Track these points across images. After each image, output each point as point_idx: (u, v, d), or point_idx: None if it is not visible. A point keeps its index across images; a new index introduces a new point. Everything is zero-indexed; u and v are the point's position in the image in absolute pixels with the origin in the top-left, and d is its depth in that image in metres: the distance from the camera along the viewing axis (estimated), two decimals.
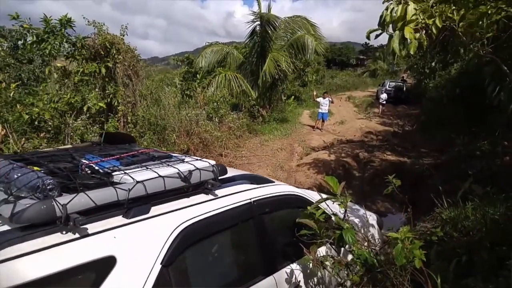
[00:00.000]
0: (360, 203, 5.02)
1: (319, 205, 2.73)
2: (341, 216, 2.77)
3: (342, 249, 2.65)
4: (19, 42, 7.80)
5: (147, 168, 2.09)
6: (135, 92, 8.70)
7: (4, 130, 5.53)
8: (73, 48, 7.80)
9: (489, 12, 3.28)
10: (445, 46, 6.12)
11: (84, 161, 2.19)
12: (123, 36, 8.40)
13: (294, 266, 2.66)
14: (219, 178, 2.39)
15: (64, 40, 7.53)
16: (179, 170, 2.12)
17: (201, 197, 2.23)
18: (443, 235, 4.41)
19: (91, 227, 1.65)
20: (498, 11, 3.28)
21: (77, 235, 1.60)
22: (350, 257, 2.74)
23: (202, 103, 12.37)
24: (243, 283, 2.31)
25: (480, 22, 3.36)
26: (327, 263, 2.55)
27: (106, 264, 1.63)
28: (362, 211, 4.28)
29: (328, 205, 2.99)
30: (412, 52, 3.41)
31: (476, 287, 3.14)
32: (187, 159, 2.40)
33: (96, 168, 2.07)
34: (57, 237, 1.55)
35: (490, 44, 3.74)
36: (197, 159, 2.40)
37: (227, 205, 2.30)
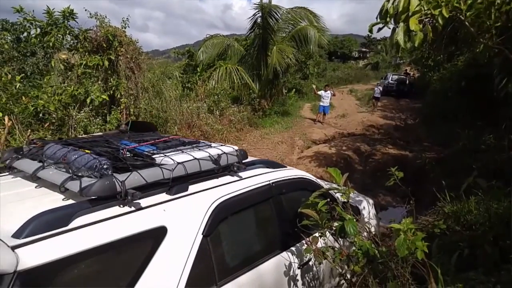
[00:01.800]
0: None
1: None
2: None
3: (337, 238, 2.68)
4: (22, 35, 7.78)
5: (182, 152, 2.36)
6: (137, 85, 8.67)
7: (11, 122, 5.57)
8: (76, 41, 7.78)
9: (497, 1, 3.23)
10: (453, 38, 6.03)
11: (122, 145, 2.42)
12: (125, 28, 8.36)
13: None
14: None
15: (67, 33, 7.50)
16: (209, 153, 2.40)
17: (228, 178, 2.51)
18: (445, 228, 4.42)
19: (143, 202, 1.91)
20: (507, 1, 3.24)
21: (132, 208, 1.85)
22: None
23: (203, 96, 12.36)
24: (265, 255, 2.57)
25: (488, 12, 3.30)
26: (328, 253, 2.56)
27: (159, 233, 1.88)
28: (361, 198, 4.35)
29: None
30: (417, 45, 3.37)
31: (478, 280, 3.15)
32: (213, 144, 2.69)
33: (137, 151, 2.32)
34: (117, 209, 1.81)
35: (499, 34, 3.69)
36: (222, 145, 2.69)
37: (251, 186, 2.57)
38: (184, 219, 2.04)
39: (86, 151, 2.09)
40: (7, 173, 2.31)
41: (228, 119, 12.12)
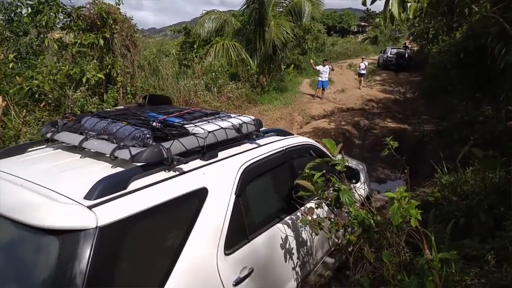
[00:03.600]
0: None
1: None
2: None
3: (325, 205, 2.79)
4: (14, 15, 7.64)
5: (208, 122, 2.55)
6: (133, 63, 8.59)
7: (5, 102, 5.52)
8: (69, 19, 7.66)
9: None
10: (450, 9, 5.93)
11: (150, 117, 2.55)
12: (119, 5, 8.21)
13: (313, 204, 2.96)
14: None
15: (60, 11, 7.37)
16: (232, 123, 2.61)
17: (248, 145, 2.73)
18: (441, 199, 4.47)
19: (183, 167, 2.10)
20: None
21: (177, 172, 2.05)
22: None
23: (200, 73, 12.23)
24: (282, 213, 2.84)
25: None
26: (324, 224, 2.60)
27: (203, 193, 2.10)
28: (354, 163, 4.46)
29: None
30: (412, 16, 3.33)
31: (473, 248, 3.21)
32: (232, 115, 2.88)
33: (168, 122, 2.46)
34: (164, 174, 2.01)
35: (495, 3, 3.62)
36: (240, 115, 2.89)
37: (269, 152, 2.80)
38: (220, 181, 2.27)
39: (124, 122, 2.22)
40: (45, 146, 2.46)
41: (226, 96, 12.05)
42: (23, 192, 1.74)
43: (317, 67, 15.74)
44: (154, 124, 2.34)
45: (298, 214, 2.91)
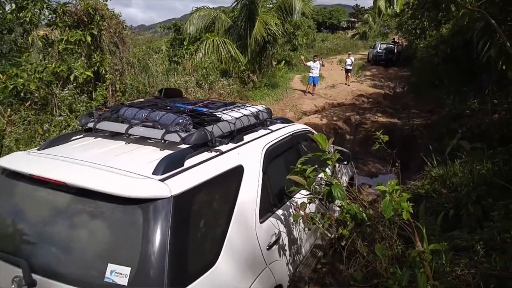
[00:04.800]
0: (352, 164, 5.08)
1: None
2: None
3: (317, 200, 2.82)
4: None
5: (231, 110, 2.84)
6: (122, 60, 8.46)
7: None
8: (54, 15, 7.50)
9: None
10: (436, 4, 6.00)
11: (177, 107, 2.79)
12: (106, 1, 8.08)
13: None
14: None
15: (44, 7, 7.23)
16: (251, 111, 2.94)
17: (263, 130, 3.04)
18: (432, 192, 4.52)
19: (222, 148, 2.39)
20: None
21: (218, 153, 2.33)
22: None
23: (191, 69, 12.14)
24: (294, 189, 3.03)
25: None
26: (317, 219, 2.61)
27: (240, 170, 2.42)
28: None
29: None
30: (398, 10, 3.36)
31: (462, 239, 3.25)
32: (247, 105, 3.23)
33: (198, 111, 2.70)
34: (208, 154, 2.29)
35: None
36: (253, 105, 3.24)
37: (282, 136, 3.15)
38: (251, 160, 2.57)
39: (164, 111, 2.45)
40: (82, 135, 2.60)
41: (217, 92, 11.96)
42: (95, 170, 1.97)
43: (308, 63, 15.78)
44: (186, 112, 2.54)
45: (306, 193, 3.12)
